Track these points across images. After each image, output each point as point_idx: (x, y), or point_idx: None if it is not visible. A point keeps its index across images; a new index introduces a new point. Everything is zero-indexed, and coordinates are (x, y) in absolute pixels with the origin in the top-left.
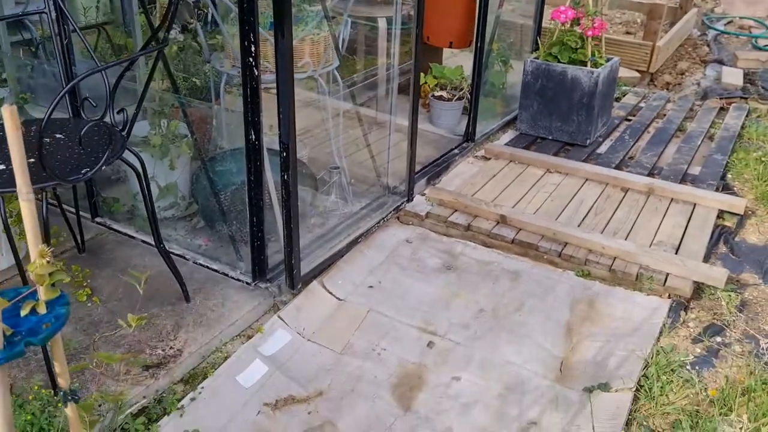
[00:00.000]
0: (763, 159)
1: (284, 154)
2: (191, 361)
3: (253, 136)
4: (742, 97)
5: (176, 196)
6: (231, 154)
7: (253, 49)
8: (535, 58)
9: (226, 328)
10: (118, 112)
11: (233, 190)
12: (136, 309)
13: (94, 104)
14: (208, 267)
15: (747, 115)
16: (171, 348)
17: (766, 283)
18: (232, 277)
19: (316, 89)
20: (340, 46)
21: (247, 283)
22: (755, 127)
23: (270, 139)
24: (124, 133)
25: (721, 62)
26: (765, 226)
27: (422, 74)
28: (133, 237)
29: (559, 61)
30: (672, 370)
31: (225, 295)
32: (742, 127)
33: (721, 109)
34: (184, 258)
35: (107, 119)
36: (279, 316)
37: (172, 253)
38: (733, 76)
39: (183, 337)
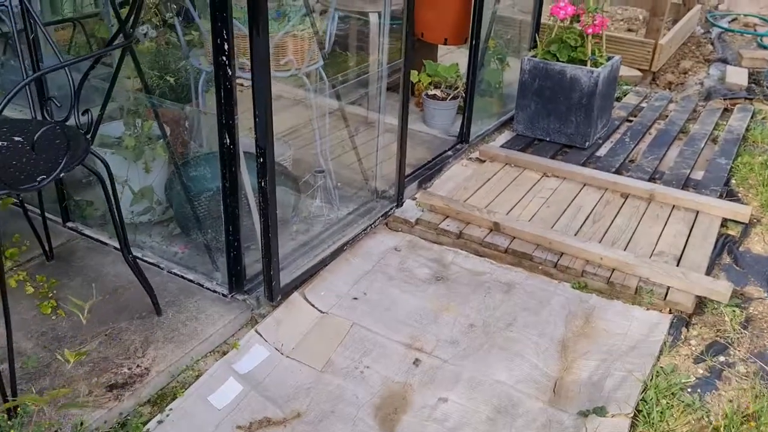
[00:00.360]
0: (766, 164)
1: (261, 159)
2: (160, 381)
3: (228, 140)
4: (746, 98)
5: (152, 200)
6: (205, 158)
7: (226, 47)
8: (532, 56)
9: (199, 344)
10: (82, 114)
11: (208, 197)
12: (105, 322)
13: (59, 104)
14: (183, 277)
15: (752, 117)
16: (138, 366)
17: None
18: (208, 288)
19: (303, 86)
20: (327, 42)
21: (223, 295)
22: (760, 129)
23: (250, 140)
24: (88, 136)
25: (725, 61)
26: None
27: (415, 72)
28: (105, 243)
29: (557, 60)
30: (672, 393)
31: (199, 308)
32: (747, 130)
33: (725, 110)
34: (158, 267)
35: (71, 121)
36: (256, 331)
37: (146, 262)
38: (737, 76)
39: (152, 353)
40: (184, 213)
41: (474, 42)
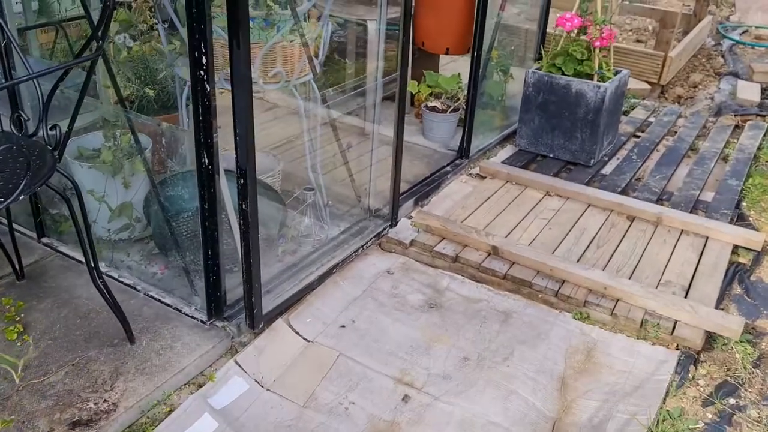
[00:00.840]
0: None
1: (242, 180)
2: (128, 417)
3: (206, 160)
4: (758, 115)
5: (130, 217)
6: (183, 177)
7: (204, 60)
8: (537, 68)
9: (173, 376)
10: (51, 129)
11: (187, 217)
12: (74, 350)
13: (26, 118)
14: (160, 300)
15: (764, 135)
16: (105, 401)
17: None
18: (186, 314)
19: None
20: (321, 51)
21: (201, 321)
22: None
23: (231, 154)
24: (56, 153)
25: (736, 75)
26: None
27: (415, 82)
28: (81, 262)
29: (563, 73)
30: None
31: (175, 336)
32: (759, 149)
33: (736, 126)
34: (135, 289)
35: (40, 135)
36: (236, 361)
37: (122, 283)
38: (749, 91)
39: (121, 386)
40: (162, 233)
41: (476, 52)
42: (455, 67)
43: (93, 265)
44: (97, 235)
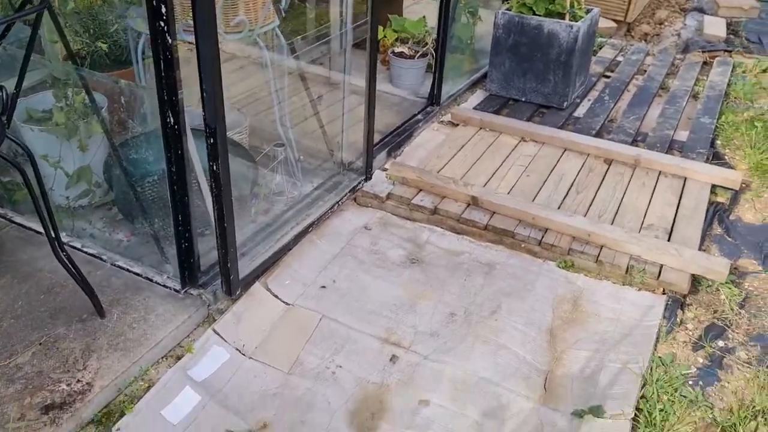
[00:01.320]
0: (754, 122)
1: (211, 140)
2: (104, 396)
3: (171, 119)
4: (725, 51)
5: (90, 182)
6: (146, 138)
7: (163, 9)
8: (507, 9)
9: (149, 350)
10: None
11: (153, 182)
12: (40, 328)
13: None
14: (128, 270)
15: (732, 71)
16: (79, 381)
17: (765, 270)
18: (158, 283)
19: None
20: None
21: (175, 290)
22: (742, 84)
23: (200, 113)
24: (3, 118)
25: (701, 10)
26: (762, 202)
27: (381, 28)
28: (39, 233)
29: (534, 13)
30: (674, 388)
31: (148, 307)
32: (729, 85)
33: (705, 63)
34: (101, 259)
35: None
36: (214, 330)
37: (86, 253)
38: (715, 27)
39: (94, 364)
40: (127, 199)
41: None
42: (419, 10)
43: (54, 235)
44: (55, 203)
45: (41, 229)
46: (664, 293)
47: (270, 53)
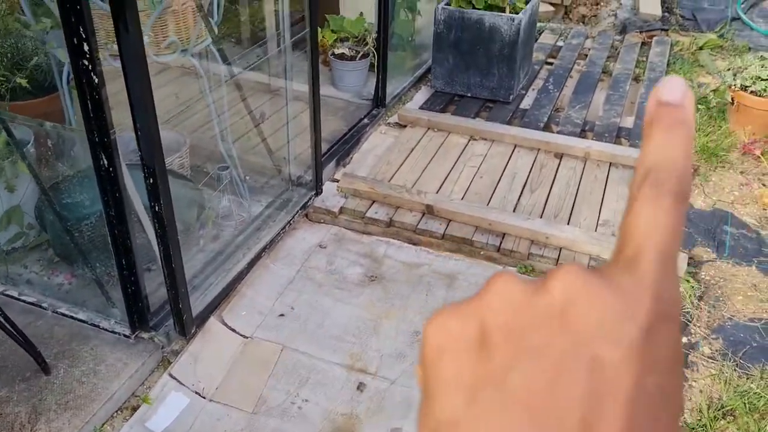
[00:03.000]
0: (697, 104)
1: (151, 180)
2: None
3: (105, 161)
4: (662, 29)
5: (21, 224)
6: (80, 181)
7: (86, 48)
8: (446, 4)
9: (102, 405)
10: None
11: (90, 225)
12: None
13: None
14: (72, 317)
15: (670, 50)
16: None
17: (720, 257)
18: (106, 329)
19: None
20: (217, 9)
21: (125, 336)
22: (681, 64)
23: (129, 136)
24: None
25: None
26: (710, 186)
27: (318, 28)
28: None
29: (474, 7)
30: None
31: (97, 357)
32: (668, 65)
33: (643, 43)
34: (41, 307)
35: None
36: (171, 374)
37: (24, 302)
38: (650, 5)
39: (43, 428)
40: (63, 243)
41: None
42: (355, 6)
43: None
44: None
45: None
46: None
47: (204, 62)
